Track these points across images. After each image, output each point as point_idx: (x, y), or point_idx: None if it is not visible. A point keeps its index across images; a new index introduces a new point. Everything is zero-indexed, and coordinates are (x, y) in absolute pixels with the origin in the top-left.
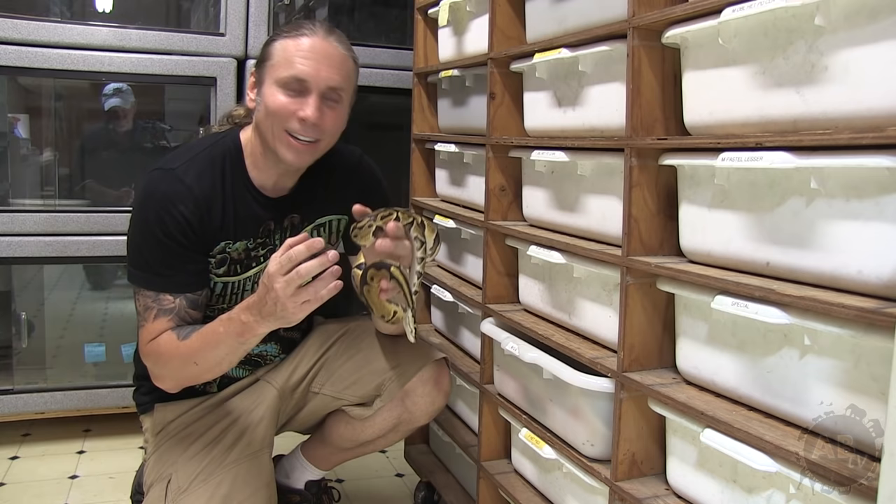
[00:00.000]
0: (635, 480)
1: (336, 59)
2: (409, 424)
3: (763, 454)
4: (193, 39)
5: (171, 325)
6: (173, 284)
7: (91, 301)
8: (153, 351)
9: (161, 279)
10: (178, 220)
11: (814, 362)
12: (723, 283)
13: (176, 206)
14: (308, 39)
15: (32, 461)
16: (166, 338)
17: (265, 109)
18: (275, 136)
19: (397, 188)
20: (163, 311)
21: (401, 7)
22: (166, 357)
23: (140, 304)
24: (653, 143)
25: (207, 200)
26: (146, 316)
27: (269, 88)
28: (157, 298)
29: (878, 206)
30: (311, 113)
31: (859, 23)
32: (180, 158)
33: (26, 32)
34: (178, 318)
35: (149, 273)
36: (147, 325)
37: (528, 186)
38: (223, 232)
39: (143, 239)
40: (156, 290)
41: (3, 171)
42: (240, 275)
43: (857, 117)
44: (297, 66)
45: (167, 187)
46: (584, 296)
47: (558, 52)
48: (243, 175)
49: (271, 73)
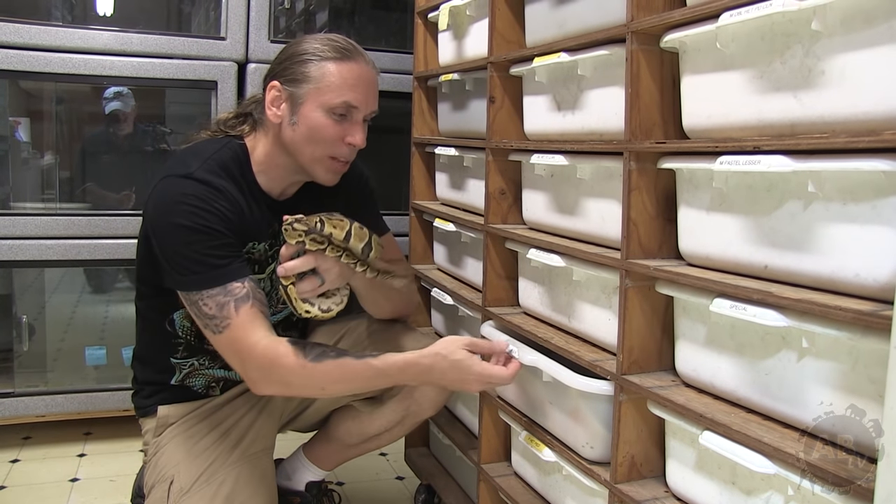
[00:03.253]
0: (635, 483)
1: (376, 86)
2: (417, 417)
3: (762, 456)
4: (194, 43)
5: (259, 315)
6: (233, 271)
7: (92, 304)
8: (263, 359)
9: (221, 271)
10: (217, 214)
11: (812, 365)
12: (721, 286)
13: (211, 203)
14: (355, 65)
15: (33, 464)
16: (284, 351)
17: (309, 134)
18: (315, 159)
19: (397, 192)
20: (239, 299)
21: (401, 11)
22: (288, 373)
23: (209, 308)
24: (651, 146)
25: (232, 200)
26: (225, 313)
27: (315, 112)
28: (226, 290)
29: (874, 210)
30: (361, 140)
31: (856, 27)
32: (192, 163)
33: (28, 36)
34: (259, 302)
35: (206, 270)
36: (233, 322)
37: (528, 190)
38: (249, 233)
39: (183, 241)
40: (221, 282)
41: (4, 174)
42: (257, 274)
43: (854, 121)
44: (349, 95)
45: (195, 188)
46: (583, 299)
47: (558, 56)
48: (252, 179)
49: (317, 97)
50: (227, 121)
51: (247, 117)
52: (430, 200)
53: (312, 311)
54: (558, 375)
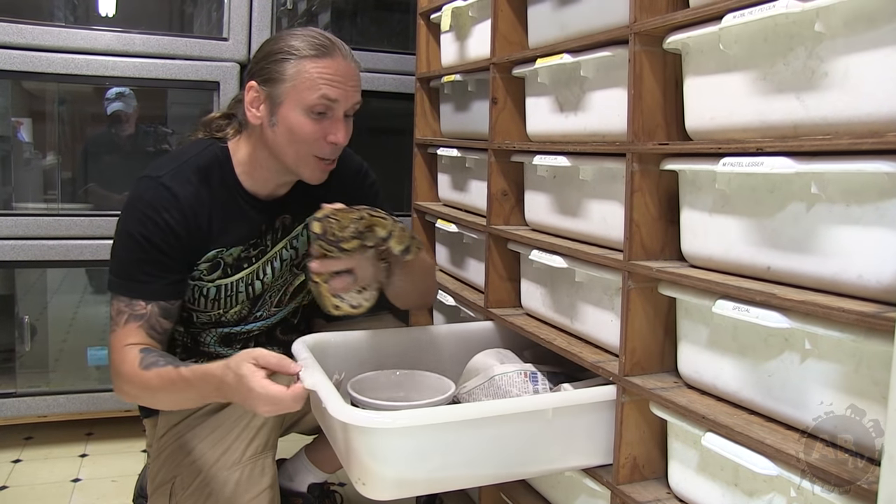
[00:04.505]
0: (637, 484)
1: (356, 78)
2: None
3: (764, 458)
4: (196, 44)
5: (142, 333)
6: (148, 291)
7: (94, 304)
8: (116, 364)
9: (137, 285)
10: (161, 227)
11: (814, 366)
12: (724, 288)
13: (160, 213)
14: (331, 61)
15: (35, 464)
16: (130, 357)
17: (290, 134)
18: (299, 160)
19: (400, 193)
20: (134, 316)
21: (403, 12)
22: (124, 378)
23: (113, 309)
24: (654, 148)
25: (193, 208)
26: (117, 321)
27: (293, 112)
28: (131, 304)
29: (878, 211)
30: (342, 137)
31: (858, 29)
32: (166, 166)
33: (31, 37)
34: (149, 325)
35: (126, 279)
36: (117, 331)
37: (530, 191)
38: (215, 240)
39: (123, 245)
40: (130, 296)
41: (7, 174)
42: (231, 276)
43: (857, 123)
44: (324, 90)
45: (152, 195)
46: (585, 300)
47: (560, 57)
48: (234, 183)
49: (293, 97)
50: (214, 122)
51: (232, 118)
52: (432, 201)
53: (343, 306)
54: (329, 408)
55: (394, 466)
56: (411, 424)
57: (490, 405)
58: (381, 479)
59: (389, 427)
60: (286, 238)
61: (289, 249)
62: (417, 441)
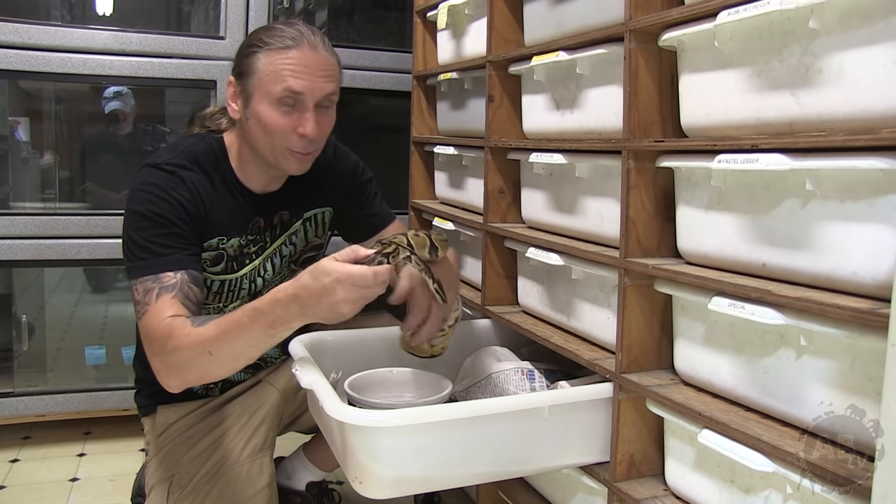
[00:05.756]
0: (634, 481)
1: (325, 67)
2: None
3: (760, 454)
4: (193, 43)
5: (177, 303)
6: (173, 261)
7: (91, 304)
8: (161, 335)
9: (160, 260)
10: (173, 204)
11: (810, 363)
12: (720, 285)
13: (169, 192)
14: (297, 52)
15: (33, 464)
16: (179, 323)
17: (261, 128)
18: (275, 152)
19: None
20: (165, 287)
21: (400, 10)
22: (176, 344)
23: (139, 293)
24: (650, 145)
25: (198, 190)
26: (147, 300)
27: (261, 105)
28: (157, 278)
29: (872, 208)
30: (311, 129)
31: (853, 25)
32: (165, 156)
33: (27, 36)
34: (182, 294)
35: (146, 256)
36: (150, 309)
37: (527, 188)
38: (215, 227)
39: (136, 227)
40: (155, 271)
41: (4, 174)
42: (236, 272)
43: (852, 119)
44: (289, 82)
45: (158, 177)
46: (582, 297)
47: (556, 55)
48: (229, 174)
49: (260, 89)
50: (211, 116)
51: (226, 112)
52: (429, 199)
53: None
54: (326, 407)
55: (391, 465)
56: (408, 423)
57: (487, 403)
58: (379, 478)
59: (386, 426)
60: (285, 234)
61: (287, 245)
62: (414, 440)
